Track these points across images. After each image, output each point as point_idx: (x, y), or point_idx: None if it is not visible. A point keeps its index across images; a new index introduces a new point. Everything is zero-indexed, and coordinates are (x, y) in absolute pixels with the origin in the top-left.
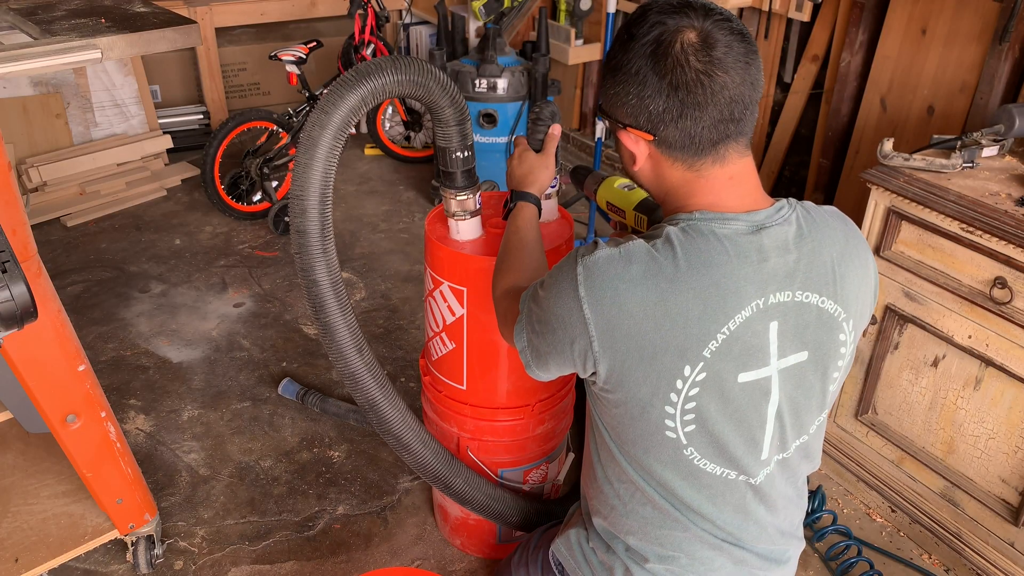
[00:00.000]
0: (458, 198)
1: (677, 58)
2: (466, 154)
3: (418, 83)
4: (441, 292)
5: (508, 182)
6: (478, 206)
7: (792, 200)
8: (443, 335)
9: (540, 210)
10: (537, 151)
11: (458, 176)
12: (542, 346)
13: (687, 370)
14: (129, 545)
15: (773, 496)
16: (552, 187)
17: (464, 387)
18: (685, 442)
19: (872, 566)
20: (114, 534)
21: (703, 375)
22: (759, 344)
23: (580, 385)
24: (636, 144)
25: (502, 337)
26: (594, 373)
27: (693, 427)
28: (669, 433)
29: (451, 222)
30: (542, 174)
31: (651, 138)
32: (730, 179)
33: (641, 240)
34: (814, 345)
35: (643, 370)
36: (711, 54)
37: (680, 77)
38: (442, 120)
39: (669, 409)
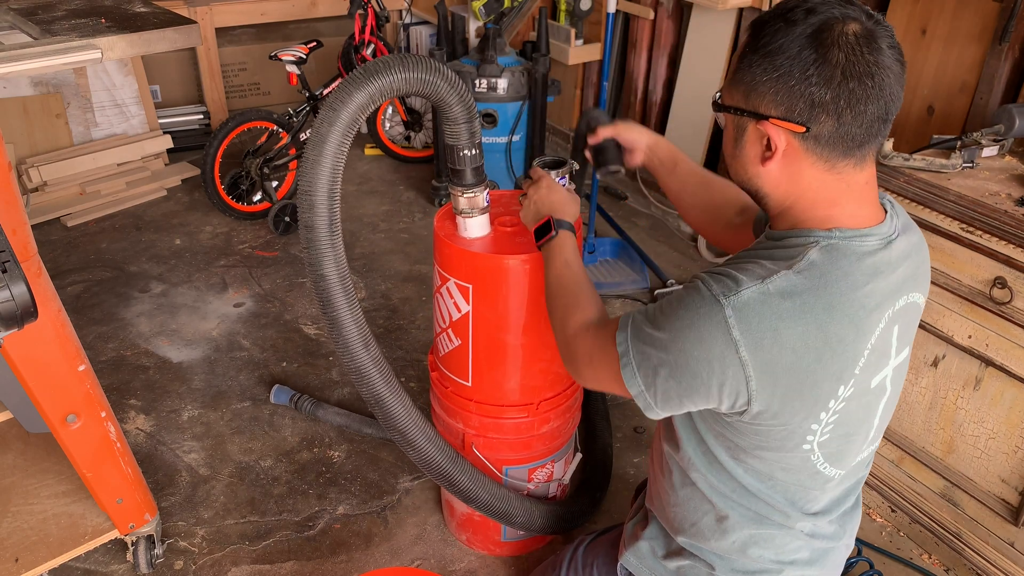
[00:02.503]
0: (466, 195)
1: (851, 47)
2: (474, 151)
3: (426, 81)
4: (448, 288)
5: (537, 210)
6: (487, 203)
7: (884, 196)
8: (449, 331)
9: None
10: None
11: (467, 173)
12: (674, 390)
13: (841, 390)
14: (129, 545)
15: (852, 504)
16: (562, 185)
17: (469, 383)
18: (818, 451)
19: (872, 566)
20: (114, 534)
21: (852, 390)
22: (886, 348)
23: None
24: (778, 137)
25: (581, 379)
26: (743, 411)
27: (828, 436)
28: (806, 447)
29: (459, 219)
30: (573, 207)
31: (803, 130)
32: (866, 184)
33: (784, 271)
34: (911, 339)
35: (801, 400)
36: (877, 45)
37: (853, 67)
38: (450, 118)
39: (814, 427)
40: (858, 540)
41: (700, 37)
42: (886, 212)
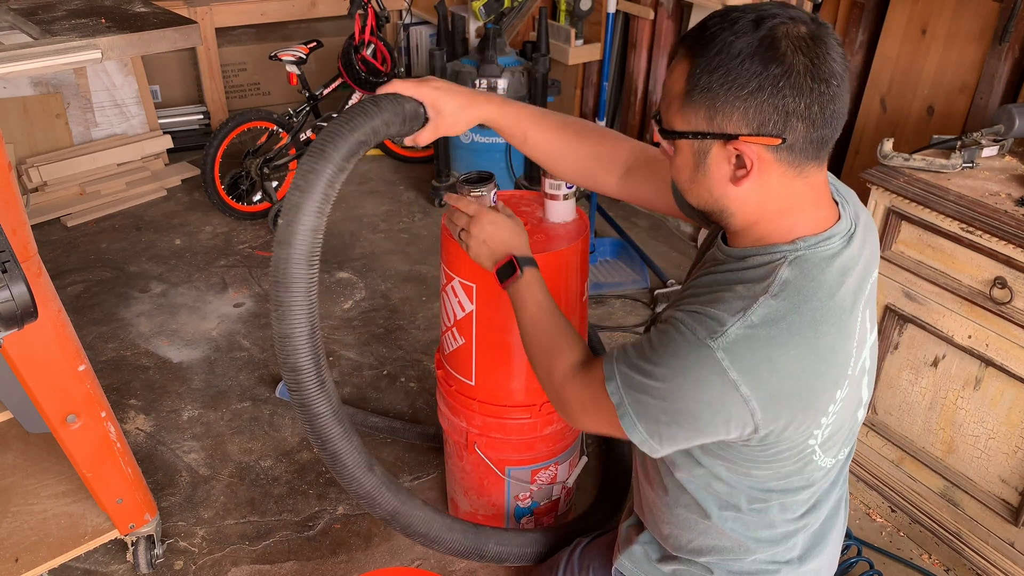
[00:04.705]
0: (473, 194)
1: (809, 50)
2: None
3: (389, 121)
4: (452, 287)
5: (492, 250)
6: (494, 203)
7: (830, 180)
8: (454, 330)
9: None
10: None
11: (474, 172)
12: (680, 434)
13: (839, 394)
14: (129, 545)
15: (840, 493)
16: (569, 188)
17: (473, 383)
18: (820, 451)
19: (872, 566)
20: (114, 534)
21: (847, 391)
22: (863, 336)
23: None
24: (751, 154)
25: (579, 425)
26: (750, 437)
27: (828, 435)
28: (809, 451)
29: None
30: (524, 235)
31: (778, 143)
32: (823, 182)
33: (761, 297)
34: (875, 313)
35: (804, 414)
36: (827, 43)
37: (817, 69)
38: None
39: (816, 431)
40: (858, 540)
41: None
42: (837, 203)
